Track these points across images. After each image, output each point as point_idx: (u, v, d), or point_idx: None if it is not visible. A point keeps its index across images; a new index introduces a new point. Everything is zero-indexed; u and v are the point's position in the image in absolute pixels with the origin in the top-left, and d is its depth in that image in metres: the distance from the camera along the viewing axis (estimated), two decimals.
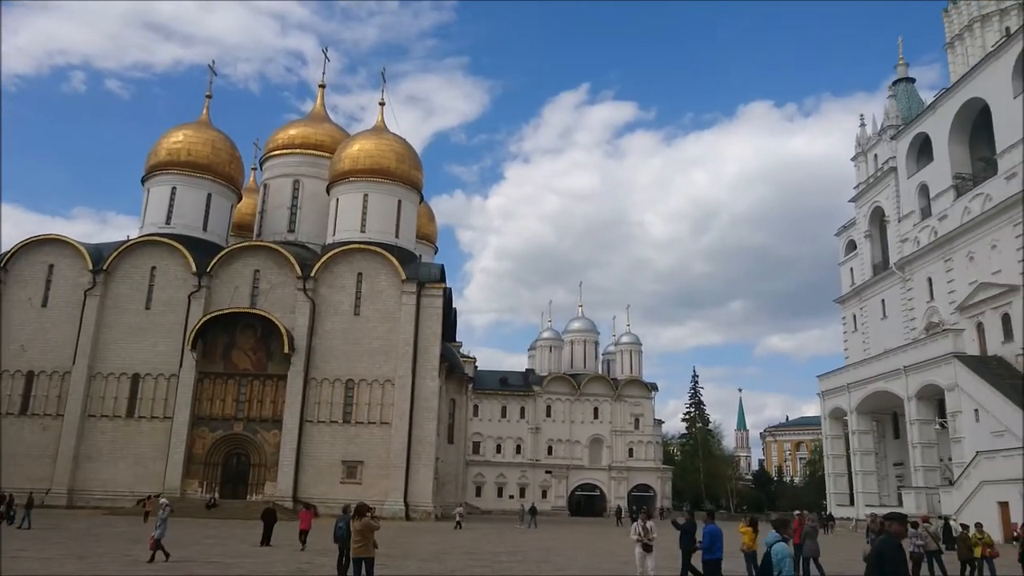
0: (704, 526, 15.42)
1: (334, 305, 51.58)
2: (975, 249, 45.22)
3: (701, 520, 17.05)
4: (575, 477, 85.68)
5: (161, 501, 22.61)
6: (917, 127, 52.17)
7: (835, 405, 53.94)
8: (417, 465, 49.06)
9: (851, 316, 60.89)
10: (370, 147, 55.97)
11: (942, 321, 47.71)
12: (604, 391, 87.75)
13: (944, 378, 41.93)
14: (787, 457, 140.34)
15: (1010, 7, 49.02)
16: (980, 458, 36.87)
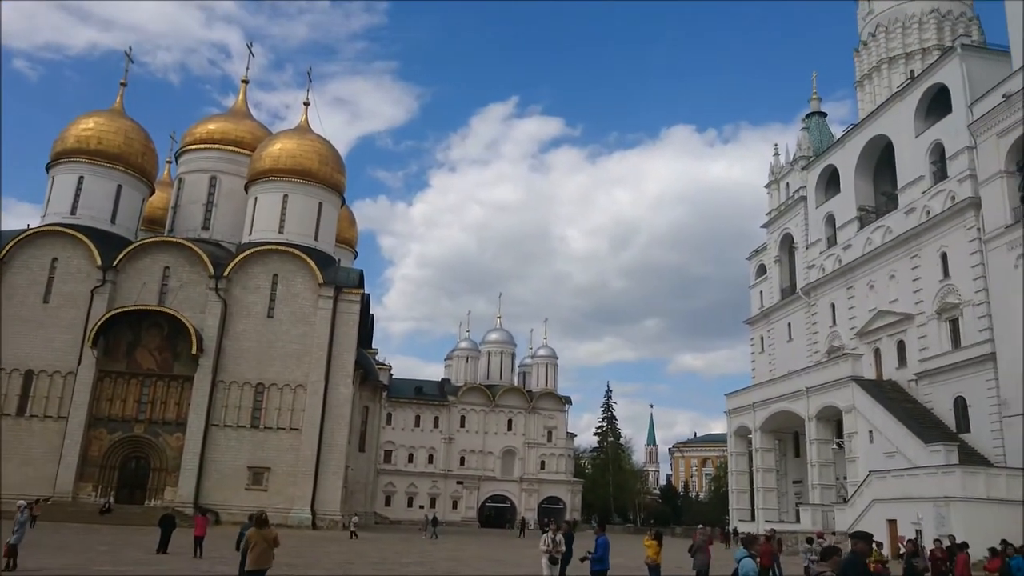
0: (596, 537, 15.63)
1: (247, 306, 50.23)
2: (875, 278, 47.52)
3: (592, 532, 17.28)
4: (486, 488, 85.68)
5: (19, 503, 20.34)
6: (826, 159, 54.56)
7: (741, 423, 55.63)
8: (326, 473, 48.13)
9: (759, 337, 63.00)
10: (292, 147, 54.87)
11: (843, 345, 49.87)
12: (519, 403, 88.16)
13: (842, 400, 43.81)
14: (694, 473, 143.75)
15: (915, 51, 51.92)
16: (872, 477, 38.59)
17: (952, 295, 40.55)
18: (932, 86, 43.59)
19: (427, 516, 51.91)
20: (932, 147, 43.31)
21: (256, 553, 12.42)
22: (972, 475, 33.45)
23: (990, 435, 36.57)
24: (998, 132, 37.04)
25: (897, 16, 53.26)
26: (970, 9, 53.64)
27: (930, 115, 44.16)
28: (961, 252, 40.04)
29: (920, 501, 34.05)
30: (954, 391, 39.66)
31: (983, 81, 39.45)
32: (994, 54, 41.48)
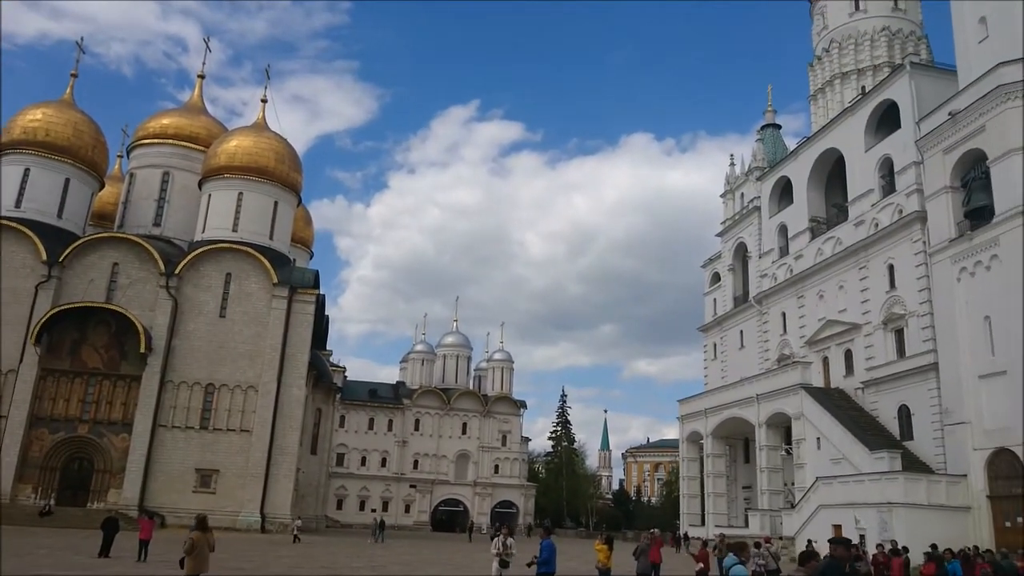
0: (541, 541, 15.66)
1: (199, 305, 49.30)
2: (825, 288, 48.54)
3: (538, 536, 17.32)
4: (440, 492, 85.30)
5: None
6: (780, 171, 55.61)
7: (693, 429, 56.32)
8: (277, 475, 47.45)
9: (712, 344, 63.87)
10: (248, 144, 54.05)
11: (793, 354, 50.82)
12: (474, 407, 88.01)
13: (791, 407, 44.64)
14: (646, 477, 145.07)
15: (867, 68, 53.23)
16: (819, 483, 39.39)
17: (898, 306, 41.61)
18: (882, 102, 44.72)
19: (375, 520, 51.50)
20: (881, 161, 44.44)
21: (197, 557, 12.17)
22: (914, 482, 34.36)
23: (932, 443, 37.57)
24: (944, 149, 38.14)
25: (850, 33, 54.57)
26: (919, 28, 55.22)
27: (880, 130, 45.30)
28: (907, 264, 41.12)
29: (864, 507, 34.88)
30: (898, 399, 40.67)
31: (931, 98, 40.60)
32: (942, 73, 42.72)
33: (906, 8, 54.98)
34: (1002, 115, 34.35)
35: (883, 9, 54.47)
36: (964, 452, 35.01)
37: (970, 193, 36.94)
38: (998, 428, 33.47)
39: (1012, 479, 32.63)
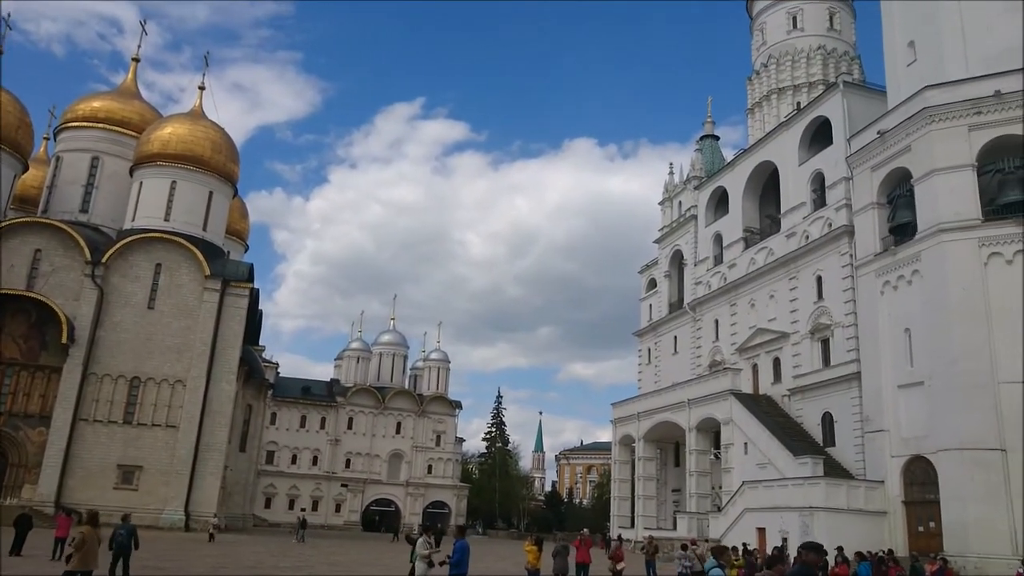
0: (455, 542, 15.67)
1: (126, 296, 47.75)
2: (756, 297, 49.78)
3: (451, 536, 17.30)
4: (371, 492, 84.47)
5: None
6: (717, 181, 56.82)
7: (625, 432, 57.05)
8: (203, 473, 46.27)
9: (647, 349, 64.83)
10: (184, 132, 52.61)
11: (724, 360, 51.97)
12: (409, 406, 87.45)
13: (721, 412, 45.63)
14: (578, 480, 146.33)
15: (802, 84, 54.86)
16: (745, 487, 40.35)
17: (825, 316, 42.95)
18: (816, 118, 46.10)
19: (298, 519, 50.71)
20: (813, 176, 45.80)
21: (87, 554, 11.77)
22: (835, 486, 35.48)
23: (853, 449, 38.88)
24: (872, 166, 39.54)
25: (787, 50, 56.19)
26: (852, 49, 57.21)
27: (813, 145, 46.69)
28: (834, 276, 42.48)
29: (787, 510, 35.86)
30: (823, 407, 41.98)
31: (861, 117, 42.03)
32: (872, 93, 44.30)
33: (841, 29, 56.92)
34: (926, 136, 35.79)
35: (819, 28, 56.27)
36: (882, 459, 36.34)
37: (895, 210, 38.38)
38: (914, 436, 34.85)
39: (926, 485, 34.01)
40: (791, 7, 57.28)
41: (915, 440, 34.78)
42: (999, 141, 34.48)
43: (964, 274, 33.35)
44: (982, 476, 30.99)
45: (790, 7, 57.33)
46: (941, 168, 34.96)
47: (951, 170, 34.72)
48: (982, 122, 34.69)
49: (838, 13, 57.15)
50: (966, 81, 35.50)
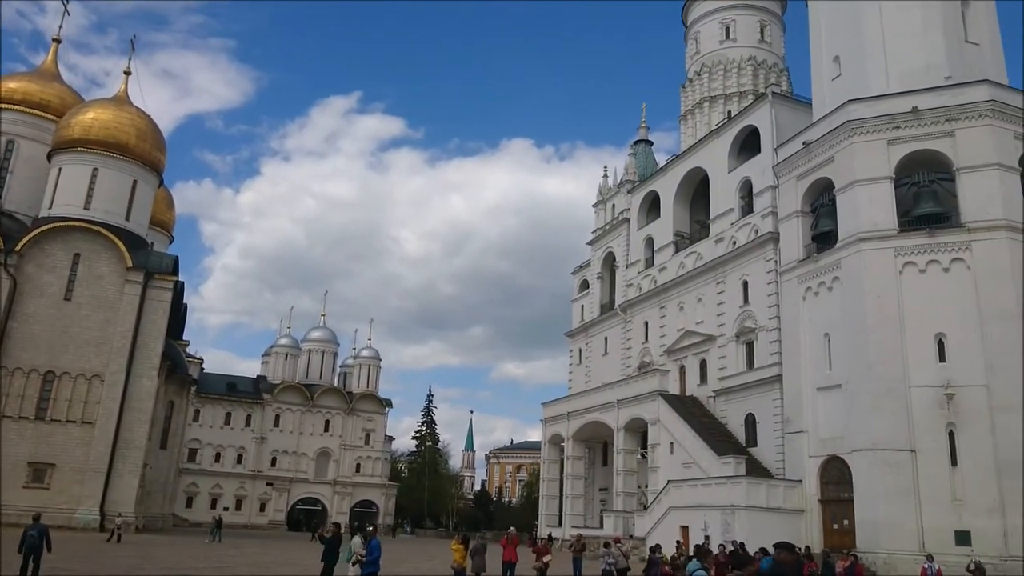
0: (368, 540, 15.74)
1: (41, 287, 45.70)
2: (685, 300, 50.81)
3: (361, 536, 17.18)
4: (297, 491, 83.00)
5: None
6: (650, 185, 57.78)
7: (555, 432, 57.50)
8: (121, 471, 44.64)
9: (578, 350, 65.47)
10: (107, 117, 50.67)
11: (652, 361, 52.89)
12: (338, 404, 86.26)
13: (649, 413, 46.45)
14: (508, 479, 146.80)
15: (733, 94, 56.28)
16: (671, 486, 41.17)
17: (750, 320, 44.15)
18: (745, 127, 47.33)
19: (213, 518, 49.46)
20: (742, 183, 47.01)
21: None
22: (755, 485, 36.54)
23: (774, 449, 40.10)
24: (797, 175, 40.83)
25: (720, 60, 57.55)
26: (782, 61, 58.99)
27: (742, 153, 47.93)
28: (760, 281, 43.70)
29: (710, 509, 36.76)
30: (746, 408, 43.16)
31: (788, 127, 43.35)
32: (799, 104, 45.74)
33: (771, 41, 58.63)
34: (848, 148, 37.18)
35: (750, 40, 57.83)
36: (801, 459, 37.58)
37: (818, 218, 39.74)
38: (831, 437, 36.16)
39: (841, 484, 35.34)
40: (724, 18, 58.72)
41: (832, 441, 36.08)
42: (915, 155, 36.07)
43: (880, 282, 34.76)
44: (892, 476, 32.37)
45: (723, 18, 58.75)
46: (861, 179, 36.36)
47: (870, 182, 36.15)
48: (900, 136, 36.24)
49: (769, 26, 58.85)
50: (886, 96, 37.02)
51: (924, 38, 38.39)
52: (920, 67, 37.69)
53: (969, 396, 32.24)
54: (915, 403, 32.86)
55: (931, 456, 32.17)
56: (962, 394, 32.28)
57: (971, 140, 35.11)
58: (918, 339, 33.54)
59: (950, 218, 35.05)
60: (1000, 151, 34.83)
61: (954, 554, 29.79)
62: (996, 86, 36.30)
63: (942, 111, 35.65)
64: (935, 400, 32.57)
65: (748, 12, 58.57)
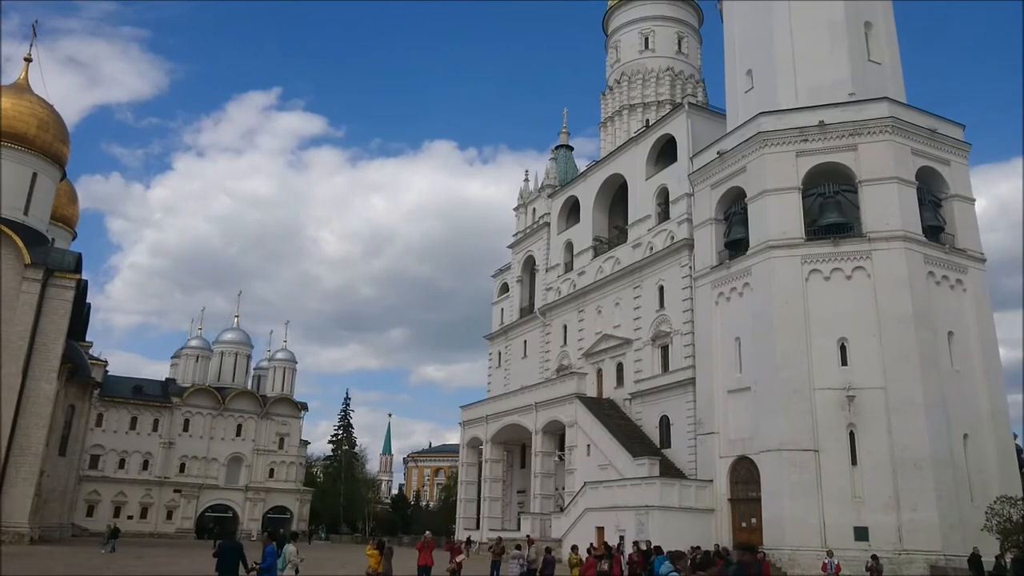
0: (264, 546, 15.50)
1: None
2: (603, 304, 51.60)
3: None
4: (207, 497, 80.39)
5: None
6: (570, 190, 58.46)
7: (474, 435, 57.47)
8: (15, 479, 42.32)
9: (497, 353, 65.65)
10: (6, 106, 48.03)
11: (571, 364, 53.48)
12: (251, 407, 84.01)
13: (566, 415, 46.94)
14: (426, 482, 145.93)
15: (651, 103, 57.51)
16: (587, 488, 41.71)
17: (665, 324, 45.16)
18: (663, 136, 48.42)
19: (108, 526, 47.46)
20: (659, 190, 48.08)
21: None
22: (669, 486, 37.37)
23: (686, 450, 41.12)
24: (711, 184, 42.03)
25: (639, 69, 58.75)
26: (698, 73, 60.66)
27: (660, 161, 49.02)
28: (675, 287, 44.78)
29: (625, 509, 37.42)
30: (660, 410, 44.12)
31: (704, 137, 44.59)
32: (714, 115, 47.13)
33: (688, 53, 60.22)
34: (760, 159, 38.51)
35: (668, 51, 59.27)
36: (712, 459, 38.64)
37: (730, 226, 41.00)
38: (740, 438, 37.32)
39: (749, 484, 36.50)
40: (643, 28, 59.98)
41: (741, 442, 37.25)
42: (822, 167, 37.64)
43: (787, 288, 36.11)
44: (797, 475, 33.63)
45: (642, 28, 60.01)
46: (771, 189, 37.71)
47: (780, 192, 37.53)
48: (808, 149, 37.76)
49: (686, 38, 60.42)
50: (795, 110, 38.54)
51: (830, 56, 40.14)
52: (827, 83, 39.39)
53: (868, 398, 33.80)
54: (819, 405, 34.24)
55: (833, 455, 33.57)
56: (862, 396, 33.82)
57: (872, 154, 36.88)
58: (822, 343, 34.98)
59: (852, 228, 36.72)
60: (898, 165, 36.71)
61: (853, 549, 31.20)
62: (895, 103, 38.28)
63: (846, 126, 37.34)
64: (837, 402, 34.01)
65: (666, 24, 60.01)
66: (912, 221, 36.22)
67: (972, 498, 33.30)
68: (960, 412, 34.56)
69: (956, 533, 31.68)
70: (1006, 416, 36.62)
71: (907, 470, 32.50)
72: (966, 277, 37.36)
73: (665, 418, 43.75)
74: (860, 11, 41.49)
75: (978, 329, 36.74)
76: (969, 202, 39.38)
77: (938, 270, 36.50)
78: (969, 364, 35.96)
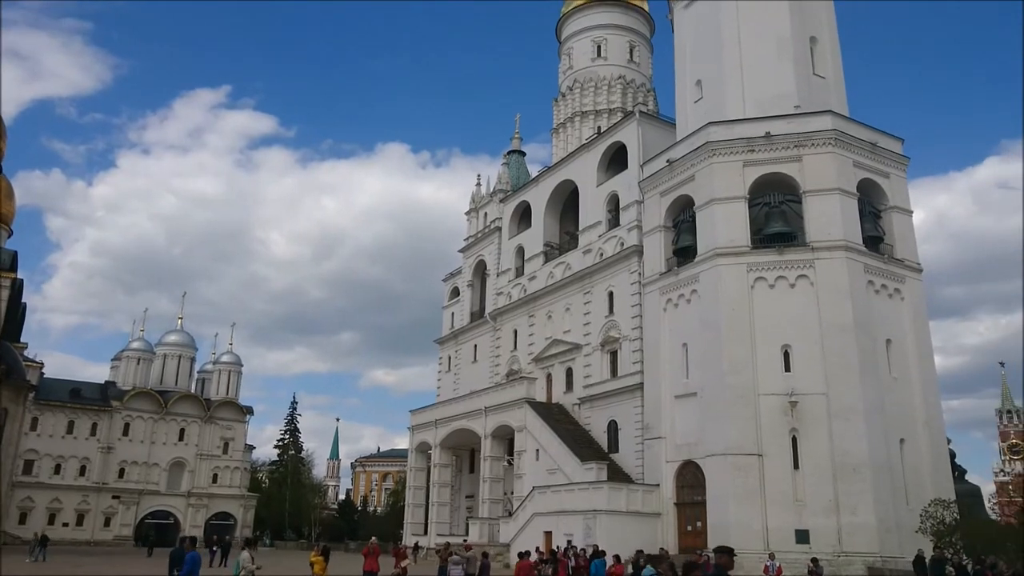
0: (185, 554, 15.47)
1: None
2: (553, 309, 51.82)
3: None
4: (147, 503, 78.26)
5: None
6: (522, 195, 58.64)
7: (423, 439, 57.14)
8: None
9: (447, 357, 65.41)
10: None
11: (521, 369, 53.56)
12: (195, 411, 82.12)
13: (516, 420, 46.99)
14: (374, 488, 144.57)
15: (603, 110, 58.08)
16: (535, 492, 41.78)
17: (614, 330, 45.56)
18: (614, 143, 48.91)
19: (36, 534, 45.89)
20: (609, 197, 48.52)
21: None
22: (616, 490, 37.68)
23: (634, 455, 41.51)
24: (661, 191, 42.60)
25: (591, 76, 59.30)
26: (649, 81, 61.49)
27: (611, 168, 49.50)
28: (625, 292, 45.22)
29: (573, 514, 37.58)
30: (609, 415, 44.46)
31: (654, 145, 45.19)
32: (665, 124, 47.81)
33: (640, 62, 61.03)
34: (708, 168, 39.19)
35: (620, 60, 59.98)
36: (659, 464, 39.09)
37: (679, 233, 41.61)
38: (686, 443, 37.84)
39: (695, 488, 37.03)
40: (596, 36, 60.59)
41: (687, 446, 37.77)
42: (767, 177, 38.48)
43: (734, 295, 36.78)
44: (741, 479, 34.24)
45: (595, 36, 60.61)
46: (719, 198, 38.40)
47: (727, 200, 38.25)
48: (754, 159, 38.58)
49: (638, 47, 61.21)
50: (743, 121, 39.34)
51: (777, 69, 41.09)
52: (773, 96, 40.29)
53: (810, 403, 34.61)
54: (763, 410, 34.93)
55: (776, 460, 34.27)
56: (804, 402, 34.61)
57: (816, 166, 37.85)
58: (767, 350, 35.71)
59: (797, 237, 37.59)
60: (841, 177, 37.73)
61: (794, 552, 31.90)
62: (839, 117, 39.36)
63: (791, 137, 38.24)
64: (781, 407, 34.75)
65: (619, 32, 60.70)
66: (853, 231, 37.23)
67: (908, 501, 34.34)
68: (897, 418, 35.61)
69: (892, 535, 32.61)
70: (940, 421, 37.90)
71: (847, 474, 33.34)
72: (904, 287, 38.56)
73: (613, 423, 44.09)
74: (806, 27, 42.59)
75: (915, 337, 37.94)
76: (907, 214, 40.68)
77: (877, 279, 37.59)
78: (906, 371, 37.10)
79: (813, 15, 43.32)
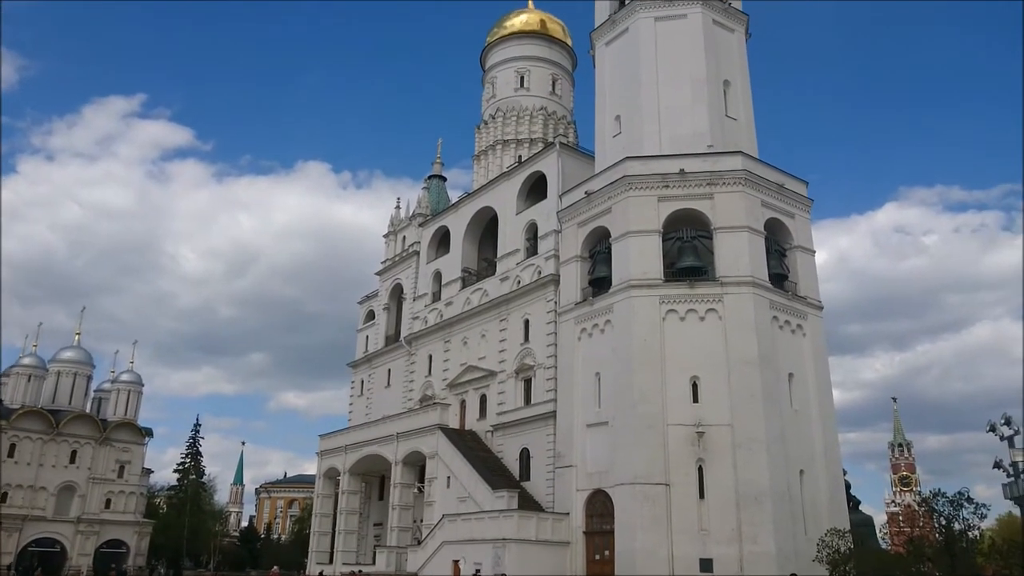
0: None
1: None
2: (469, 335, 51.73)
3: None
4: (32, 530, 73.44)
5: None
6: (441, 220, 58.58)
7: (331, 465, 55.85)
8: None
9: (360, 381, 64.32)
10: None
11: (435, 395, 53.12)
12: (89, 432, 77.84)
13: (428, 446, 46.50)
14: (279, 514, 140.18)
15: (524, 140, 58.88)
16: (445, 520, 41.34)
17: (529, 357, 45.79)
18: (534, 172, 49.54)
19: None
20: (528, 225, 49.01)
21: None
22: (526, 519, 37.68)
23: (545, 483, 41.60)
24: (578, 222, 43.30)
25: (513, 106, 60.12)
26: (570, 114, 62.77)
27: (530, 197, 50.06)
28: (540, 321, 45.56)
29: (482, 542, 37.36)
30: (521, 443, 44.49)
31: (573, 176, 46.00)
32: (584, 156, 48.77)
33: (561, 95, 62.30)
34: (624, 201, 40.11)
35: (543, 91, 61.13)
36: (569, 492, 39.30)
37: (595, 264, 42.33)
38: (597, 471, 38.20)
39: (604, 516, 37.36)
40: (519, 67, 61.60)
41: (597, 475, 38.13)
42: (681, 213, 39.65)
43: (646, 327, 37.58)
44: (649, 508, 34.75)
45: (518, 67, 61.61)
46: (634, 231, 39.33)
47: (642, 234, 39.21)
48: (668, 195, 39.72)
49: (560, 80, 62.48)
50: (659, 157, 40.53)
51: (692, 110, 42.59)
52: (688, 134, 41.70)
53: (716, 434, 35.51)
54: (671, 440, 35.63)
55: (683, 489, 34.95)
56: (711, 432, 35.49)
57: (726, 203, 39.24)
58: (676, 380, 36.55)
59: (707, 272, 38.77)
60: (749, 216, 39.21)
61: None
62: (748, 158, 40.99)
63: (704, 175, 39.59)
64: (688, 437, 35.53)
65: (542, 65, 61.88)
66: (760, 268, 38.68)
67: (806, 530, 35.51)
68: (797, 449, 36.92)
69: (791, 564, 33.56)
70: (837, 453, 39.50)
71: (749, 504, 34.26)
72: (806, 323, 40.20)
73: (526, 451, 44.14)
74: (720, 70, 44.35)
75: (815, 371, 39.55)
76: (810, 253, 42.55)
77: (781, 315, 39.08)
78: (806, 404, 38.57)
79: (727, 59, 45.16)
